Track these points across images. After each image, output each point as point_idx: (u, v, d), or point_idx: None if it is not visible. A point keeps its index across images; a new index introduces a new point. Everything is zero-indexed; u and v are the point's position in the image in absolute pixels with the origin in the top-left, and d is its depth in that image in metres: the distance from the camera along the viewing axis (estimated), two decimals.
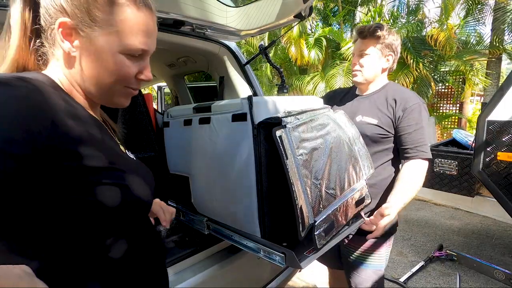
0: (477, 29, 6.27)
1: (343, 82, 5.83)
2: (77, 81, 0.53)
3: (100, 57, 0.51)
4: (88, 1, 0.49)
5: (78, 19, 0.49)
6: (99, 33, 0.50)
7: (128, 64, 0.52)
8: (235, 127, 0.87)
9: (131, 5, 0.50)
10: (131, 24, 0.51)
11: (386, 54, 1.26)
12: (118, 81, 0.53)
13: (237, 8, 1.44)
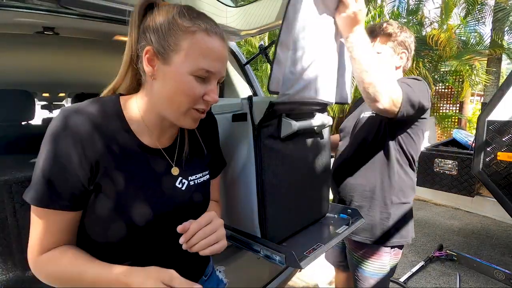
0: (477, 29, 6.28)
1: None
2: (152, 105, 0.62)
3: (172, 78, 0.58)
4: (165, 29, 0.57)
5: (158, 46, 0.58)
6: (173, 57, 0.57)
7: (195, 86, 0.59)
8: (235, 127, 0.87)
9: (201, 31, 0.58)
10: (199, 48, 0.58)
11: (399, 52, 1.22)
12: (185, 100, 0.59)
13: (237, 8, 1.44)
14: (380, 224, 1.20)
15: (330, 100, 0.97)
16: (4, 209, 0.97)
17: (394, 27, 1.21)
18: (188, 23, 0.58)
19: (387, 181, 1.20)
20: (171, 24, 0.58)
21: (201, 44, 0.58)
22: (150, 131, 0.64)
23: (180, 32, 0.57)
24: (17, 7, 0.98)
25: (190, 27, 0.58)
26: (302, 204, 0.96)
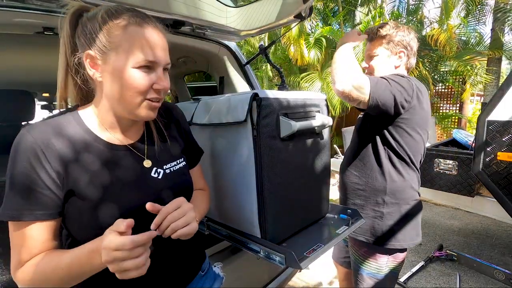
0: (477, 28, 6.28)
1: None
2: (107, 106, 0.63)
3: (117, 75, 0.59)
4: (97, 29, 0.58)
5: (95, 48, 0.59)
6: (112, 55, 0.58)
7: (140, 76, 0.59)
8: (235, 128, 0.87)
9: (132, 24, 0.59)
10: (134, 40, 0.58)
11: (396, 51, 1.23)
12: (135, 94, 0.60)
13: (237, 8, 1.44)
14: (374, 224, 1.21)
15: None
16: None
17: (388, 28, 1.23)
18: (117, 19, 0.59)
19: (378, 180, 1.21)
20: (101, 24, 0.59)
21: (135, 37, 0.59)
22: (113, 131, 0.67)
23: (112, 30, 0.58)
24: (17, 7, 0.98)
25: (119, 22, 0.59)
26: (302, 205, 0.96)
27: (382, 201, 1.20)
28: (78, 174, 0.60)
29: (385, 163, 1.19)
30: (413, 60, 1.28)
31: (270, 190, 0.84)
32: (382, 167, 1.20)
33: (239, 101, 0.84)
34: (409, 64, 1.28)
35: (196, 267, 0.84)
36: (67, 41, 0.62)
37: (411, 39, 1.24)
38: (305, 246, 0.87)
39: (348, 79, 1.04)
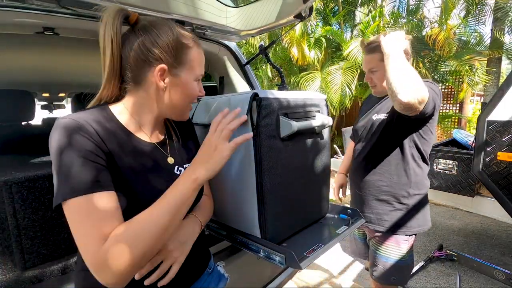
0: (477, 28, 6.27)
1: (340, 79, 5.82)
2: (150, 108, 0.72)
3: (182, 86, 0.71)
4: (175, 49, 0.68)
5: (169, 63, 0.68)
6: (182, 70, 0.70)
7: (196, 87, 0.74)
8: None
9: (195, 46, 0.73)
10: (196, 59, 0.73)
11: None
12: (188, 100, 0.75)
13: (237, 8, 1.43)
14: (400, 214, 1.33)
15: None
16: (4, 209, 0.97)
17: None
18: (187, 40, 0.71)
19: (403, 176, 1.31)
20: (176, 42, 0.69)
21: (197, 56, 0.73)
22: (144, 129, 0.73)
23: (184, 49, 0.70)
24: (17, 7, 0.98)
25: (189, 43, 0.71)
26: (302, 205, 0.96)
27: (408, 194, 1.32)
28: (119, 163, 0.64)
29: (410, 161, 1.30)
30: (411, 61, 1.32)
31: (270, 190, 0.84)
32: (408, 164, 1.30)
33: (239, 101, 0.84)
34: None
35: (204, 264, 0.87)
36: (116, 43, 0.65)
37: (407, 44, 1.27)
38: (305, 246, 0.87)
39: (413, 92, 1.05)
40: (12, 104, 1.81)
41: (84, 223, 0.56)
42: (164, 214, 0.59)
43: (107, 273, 0.54)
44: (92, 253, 0.55)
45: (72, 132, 0.58)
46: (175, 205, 0.60)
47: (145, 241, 0.56)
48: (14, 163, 1.16)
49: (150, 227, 0.57)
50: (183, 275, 0.78)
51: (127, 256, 0.54)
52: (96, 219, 0.56)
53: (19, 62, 1.91)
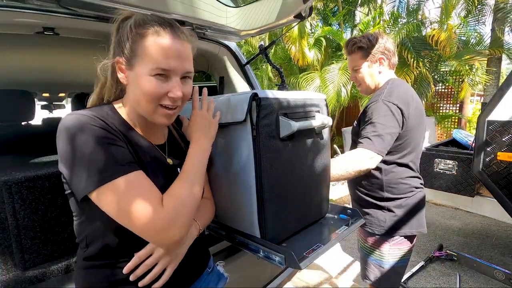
0: (477, 28, 6.27)
1: (338, 77, 5.82)
2: (132, 107, 0.69)
3: (136, 81, 0.64)
4: (123, 39, 0.64)
5: (123, 55, 0.65)
6: (136, 62, 0.63)
7: (155, 85, 0.63)
8: (235, 128, 0.87)
9: (151, 34, 0.63)
10: (151, 49, 0.62)
11: (376, 59, 1.33)
12: (150, 100, 0.64)
13: (237, 8, 1.43)
14: (379, 216, 1.33)
15: None
16: (4, 209, 0.97)
17: (362, 41, 1.32)
18: (140, 28, 0.63)
19: (375, 179, 1.31)
20: (129, 33, 0.64)
21: (153, 46, 0.62)
22: (140, 127, 0.73)
23: (135, 39, 0.63)
24: (17, 7, 0.98)
25: (141, 32, 0.63)
26: (302, 205, 0.96)
27: (382, 197, 1.33)
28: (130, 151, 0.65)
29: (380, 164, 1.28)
30: (394, 60, 1.37)
31: (269, 190, 0.84)
32: (379, 169, 1.30)
33: (239, 101, 0.84)
34: (391, 64, 1.37)
35: (203, 264, 0.88)
36: (112, 46, 0.69)
37: (386, 42, 1.32)
38: (305, 246, 0.87)
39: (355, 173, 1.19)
40: (12, 104, 1.81)
41: (133, 199, 0.57)
42: (195, 178, 0.68)
43: (175, 229, 0.59)
44: (157, 215, 0.57)
45: (84, 124, 0.58)
46: (198, 171, 0.70)
47: (190, 200, 0.64)
48: (14, 163, 1.16)
49: (187, 190, 0.64)
50: (183, 275, 0.78)
51: (186, 213, 0.62)
52: (143, 192, 0.58)
53: (19, 62, 1.91)
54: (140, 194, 0.58)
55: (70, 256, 1.09)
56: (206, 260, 0.90)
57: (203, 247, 0.90)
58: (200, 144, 0.73)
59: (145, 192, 0.59)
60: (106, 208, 0.58)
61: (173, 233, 0.59)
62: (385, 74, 1.36)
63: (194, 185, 0.66)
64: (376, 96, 1.27)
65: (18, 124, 2.00)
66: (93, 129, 0.58)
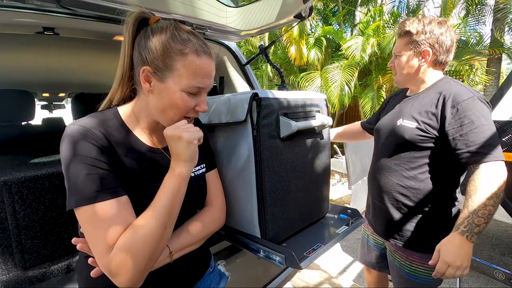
0: (477, 28, 6.27)
1: (340, 77, 5.82)
2: (148, 112, 0.70)
3: (167, 93, 0.65)
4: (162, 52, 0.64)
5: (154, 66, 0.65)
6: (170, 75, 0.65)
7: (187, 99, 0.66)
8: (235, 128, 0.87)
9: (192, 54, 0.65)
10: (190, 68, 0.65)
11: (420, 51, 1.12)
12: (179, 113, 0.67)
13: (237, 8, 1.43)
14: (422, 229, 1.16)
15: None
16: (4, 209, 0.97)
17: (413, 23, 1.12)
18: (180, 46, 0.64)
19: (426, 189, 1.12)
20: (166, 47, 0.64)
21: (192, 65, 0.65)
22: (149, 133, 0.73)
23: (173, 55, 0.64)
24: (17, 7, 0.98)
25: (182, 49, 0.64)
26: (302, 204, 0.96)
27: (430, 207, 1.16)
28: (124, 170, 0.65)
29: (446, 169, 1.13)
30: (445, 57, 1.14)
31: (270, 190, 0.84)
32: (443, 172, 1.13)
33: (239, 101, 0.84)
34: (439, 63, 1.15)
35: (206, 263, 0.88)
36: (127, 46, 0.68)
37: (441, 33, 1.10)
38: (305, 246, 0.87)
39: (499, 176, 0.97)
40: (12, 104, 1.81)
41: (92, 231, 0.59)
42: (160, 216, 0.60)
43: (118, 279, 0.57)
44: (100, 261, 0.58)
45: (79, 139, 0.60)
46: (167, 204, 0.61)
47: (148, 246, 0.58)
48: (14, 163, 1.16)
49: (150, 231, 0.58)
50: (186, 275, 0.78)
51: (132, 264, 0.56)
52: (102, 228, 0.58)
53: (19, 62, 1.91)
54: (97, 230, 0.58)
55: (70, 256, 1.09)
56: (208, 260, 0.90)
57: (205, 247, 0.90)
58: (173, 170, 0.64)
59: (100, 231, 0.58)
60: (82, 227, 0.61)
61: (118, 282, 0.57)
62: (429, 72, 1.16)
63: (159, 219, 0.59)
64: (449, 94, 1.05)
65: (18, 124, 1.99)
66: (82, 146, 0.60)
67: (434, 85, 1.14)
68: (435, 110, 1.07)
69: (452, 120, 1.02)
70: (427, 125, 1.07)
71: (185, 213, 0.76)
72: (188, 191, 0.73)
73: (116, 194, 0.60)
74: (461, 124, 1.00)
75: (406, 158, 1.14)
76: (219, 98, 0.94)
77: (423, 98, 1.14)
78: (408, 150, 1.12)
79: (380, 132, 1.26)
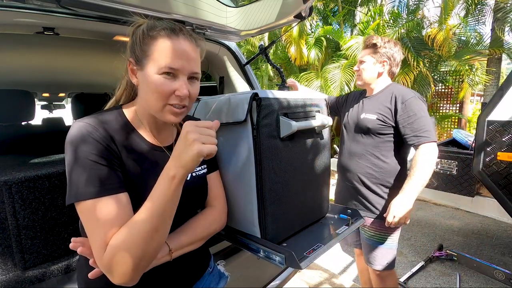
0: (477, 28, 6.27)
1: (340, 77, 5.82)
2: (143, 107, 0.71)
3: (145, 80, 0.67)
4: (136, 42, 0.68)
5: (134, 56, 0.68)
6: (146, 62, 0.66)
7: (163, 82, 0.65)
8: (235, 128, 0.87)
9: (164, 36, 0.66)
10: (162, 50, 0.65)
11: (381, 60, 1.52)
12: (159, 97, 0.66)
13: (237, 8, 1.43)
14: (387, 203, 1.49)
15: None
16: (4, 209, 0.97)
17: (378, 40, 1.51)
18: (151, 31, 0.67)
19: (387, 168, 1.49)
20: (141, 36, 0.68)
21: (162, 46, 0.66)
22: (152, 131, 0.74)
23: (146, 40, 0.67)
24: (17, 7, 0.98)
25: (152, 34, 0.67)
26: (302, 204, 0.96)
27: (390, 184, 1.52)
28: (128, 168, 0.66)
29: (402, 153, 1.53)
30: (395, 69, 1.56)
31: (270, 190, 0.84)
32: (400, 155, 1.53)
33: (239, 101, 0.84)
34: (391, 72, 1.57)
35: (205, 263, 0.88)
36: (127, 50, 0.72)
37: (395, 52, 1.52)
38: (305, 246, 0.87)
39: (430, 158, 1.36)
40: (12, 104, 1.81)
41: (91, 227, 0.60)
42: (152, 217, 0.57)
43: (114, 276, 0.58)
44: (97, 259, 0.60)
45: (84, 136, 0.61)
46: (159, 206, 0.58)
47: (138, 246, 0.57)
48: (14, 163, 1.16)
49: (139, 232, 0.57)
50: (186, 276, 0.78)
51: (126, 263, 0.57)
52: (101, 224, 0.59)
53: (19, 62, 1.91)
54: (95, 226, 0.59)
55: (70, 256, 1.09)
56: (207, 260, 0.90)
57: (204, 247, 0.90)
58: (167, 172, 0.58)
59: (98, 228, 0.59)
60: (82, 223, 0.62)
61: (113, 279, 0.58)
62: (385, 78, 1.56)
63: (152, 220, 0.57)
64: (399, 94, 1.43)
65: (18, 124, 2.00)
66: (86, 143, 0.61)
67: (386, 88, 1.53)
68: (389, 105, 1.44)
69: (402, 112, 1.39)
70: (384, 116, 1.44)
71: (185, 213, 0.77)
72: (189, 191, 0.73)
73: (117, 191, 0.61)
74: (408, 115, 1.38)
75: (370, 144, 1.49)
76: (219, 98, 0.94)
77: (379, 97, 1.51)
78: (371, 137, 1.48)
79: (347, 125, 1.62)
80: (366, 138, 1.50)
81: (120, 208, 0.60)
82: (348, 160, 1.57)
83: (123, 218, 0.60)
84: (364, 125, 1.48)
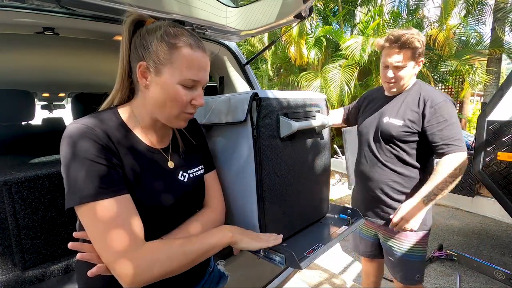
0: (477, 28, 6.27)
1: (339, 77, 5.82)
2: (146, 109, 0.71)
3: (165, 87, 0.67)
4: (157, 47, 0.66)
5: (150, 61, 0.67)
6: (165, 69, 0.66)
7: (183, 93, 0.67)
8: (235, 128, 0.87)
9: (186, 47, 0.67)
10: (185, 61, 0.66)
11: (419, 60, 1.33)
12: (176, 106, 0.68)
13: (237, 8, 1.43)
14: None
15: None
16: (4, 209, 0.97)
17: (417, 39, 1.26)
18: (174, 40, 0.66)
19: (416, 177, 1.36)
20: (160, 42, 0.66)
21: (186, 57, 0.66)
22: (149, 133, 0.74)
23: (168, 49, 0.66)
24: (17, 7, 0.98)
25: (176, 43, 0.66)
26: (302, 204, 0.96)
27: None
28: (122, 163, 0.66)
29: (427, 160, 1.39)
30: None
31: (270, 190, 0.84)
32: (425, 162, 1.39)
33: (239, 101, 0.84)
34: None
35: (205, 263, 0.88)
36: (125, 47, 0.70)
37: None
38: (305, 246, 0.87)
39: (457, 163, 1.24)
40: (12, 104, 1.81)
41: (95, 229, 0.59)
42: (195, 251, 0.66)
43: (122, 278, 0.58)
44: (131, 252, 0.58)
45: (80, 137, 0.60)
46: (207, 249, 0.68)
47: (173, 266, 0.62)
48: (14, 163, 1.16)
49: (180, 256, 0.64)
50: (186, 276, 0.78)
51: (157, 269, 0.60)
52: (106, 226, 0.58)
53: (19, 62, 1.91)
54: (118, 223, 0.58)
55: (70, 256, 1.09)
56: (208, 260, 0.90)
57: None
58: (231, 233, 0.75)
59: (123, 222, 0.59)
60: (84, 227, 0.61)
61: (123, 280, 0.58)
62: (414, 77, 1.40)
63: (194, 254, 0.67)
64: (427, 97, 1.28)
65: (18, 124, 2.00)
66: (83, 143, 0.60)
67: (413, 87, 1.37)
68: (417, 109, 1.29)
69: (431, 118, 1.25)
70: (412, 122, 1.28)
71: (184, 213, 0.77)
72: (187, 192, 0.74)
73: (120, 191, 0.61)
74: (438, 122, 1.24)
75: (394, 151, 1.34)
76: (219, 98, 0.94)
77: (405, 98, 1.34)
78: (395, 144, 1.33)
79: (366, 129, 1.45)
80: (389, 144, 1.35)
81: (125, 208, 0.60)
82: (370, 168, 1.43)
83: (130, 218, 0.60)
84: (387, 130, 1.32)
